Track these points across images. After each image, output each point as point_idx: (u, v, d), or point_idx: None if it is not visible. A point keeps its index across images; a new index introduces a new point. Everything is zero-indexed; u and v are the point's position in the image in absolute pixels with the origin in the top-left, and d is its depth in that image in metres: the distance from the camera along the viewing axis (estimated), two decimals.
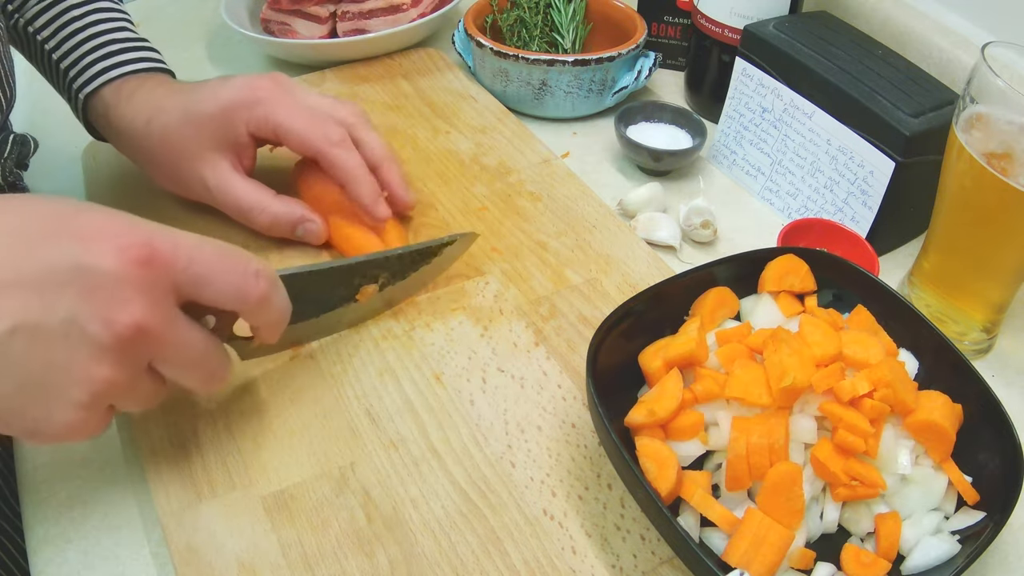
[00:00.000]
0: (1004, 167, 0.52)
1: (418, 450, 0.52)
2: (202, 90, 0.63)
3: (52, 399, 0.40)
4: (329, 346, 0.59)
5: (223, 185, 0.63)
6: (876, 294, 0.55)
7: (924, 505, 0.48)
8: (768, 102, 0.74)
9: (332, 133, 0.61)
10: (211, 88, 0.63)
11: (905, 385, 0.48)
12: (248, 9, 0.96)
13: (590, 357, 0.49)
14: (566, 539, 0.48)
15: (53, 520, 0.50)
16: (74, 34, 0.65)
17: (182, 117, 0.62)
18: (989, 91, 0.52)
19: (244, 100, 0.61)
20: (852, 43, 0.71)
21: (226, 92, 0.62)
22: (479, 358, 0.58)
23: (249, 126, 0.61)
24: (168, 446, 0.52)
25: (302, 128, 0.61)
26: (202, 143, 0.62)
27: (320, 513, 0.49)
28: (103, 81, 0.64)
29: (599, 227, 0.69)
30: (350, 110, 0.65)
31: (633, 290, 0.63)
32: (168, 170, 0.65)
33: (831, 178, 0.70)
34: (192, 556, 0.47)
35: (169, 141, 0.62)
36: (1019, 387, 0.60)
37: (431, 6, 0.93)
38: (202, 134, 0.62)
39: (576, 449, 0.53)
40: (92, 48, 0.65)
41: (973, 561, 0.43)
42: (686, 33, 0.90)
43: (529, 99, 0.83)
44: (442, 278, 0.64)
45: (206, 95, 0.62)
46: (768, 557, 0.44)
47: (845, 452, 0.46)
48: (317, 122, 0.61)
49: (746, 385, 0.48)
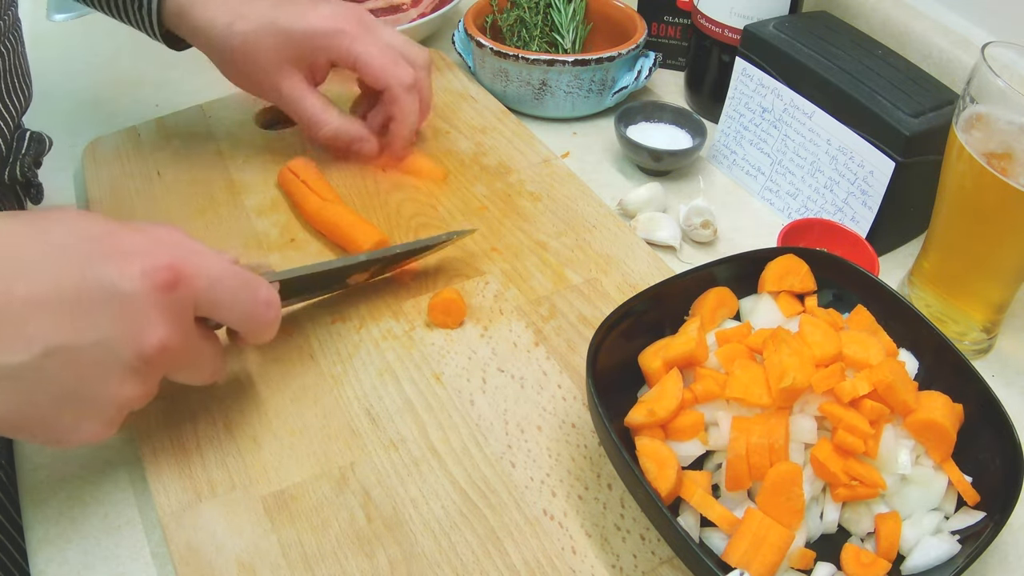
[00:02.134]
0: (1004, 167, 0.52)
1: (418, 450, 0.52)
2: (291, 6, 0.66)
3: (83, 413, 0.43)
4: (329, 346, 0.59)
5: (296, 95, 0.68)
6: (876, 294, 0.55)
7: (924, 505, 0.48)
8: (768, 102, 0.74)
9: (404, 75, 0.67)
10: (299, 8, 0.66)
11: (905, 385, 0.48)
12: None
13: (590, 357, 0.49)
14: (566, 539, 0.48)
15: (53, 520, 0.50)
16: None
17: (268, 27, 0.65)
18: (989, 91, 0.52)
19: (329, 30, 0.66)
20: (852, 43, 0.71)
21: (314, 17, 0.66)
22: (479, 358, 0.58)
23: (330, 53, 0.67)
24: (168, 446, 0.52)
25: (379, 65, 0.67)
26: (282, 56, 0.66)
27: (320, 513, 0.49)
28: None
29: (599, 227, 0.69)
30: (421, 54, 0.70)
31: (633, 290, 0.63)
32: (245, 72, 0.69)
33: (831, 178, 0.70)
34: (192, 556, 0.47)
35: (250, 47, 0.66)
36: (1019, 387, 0.60)
37: (431, 6, 0.93)
38: (284, 49, 0.66)
39: (576, 449, 0.53)
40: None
41: (973, 561, 0.43)
42: (686, 33, 0.90)
43: (529, 99, 0.83)
44: (442, 278, 0.64)
45: (293, 14, 0.66)
46: (768, 557, 0.44)
47: (845, 452, 0.46)
48: (392, 62, 0.67)
49: (746, 385, 0.48)
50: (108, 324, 0.41)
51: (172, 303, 0.43)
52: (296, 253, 0.66)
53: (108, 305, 0.41)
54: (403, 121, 0.70)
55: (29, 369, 0.40)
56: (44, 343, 0.40)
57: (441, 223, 0.69)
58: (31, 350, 0.40)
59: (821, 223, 0.67)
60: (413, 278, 0.64)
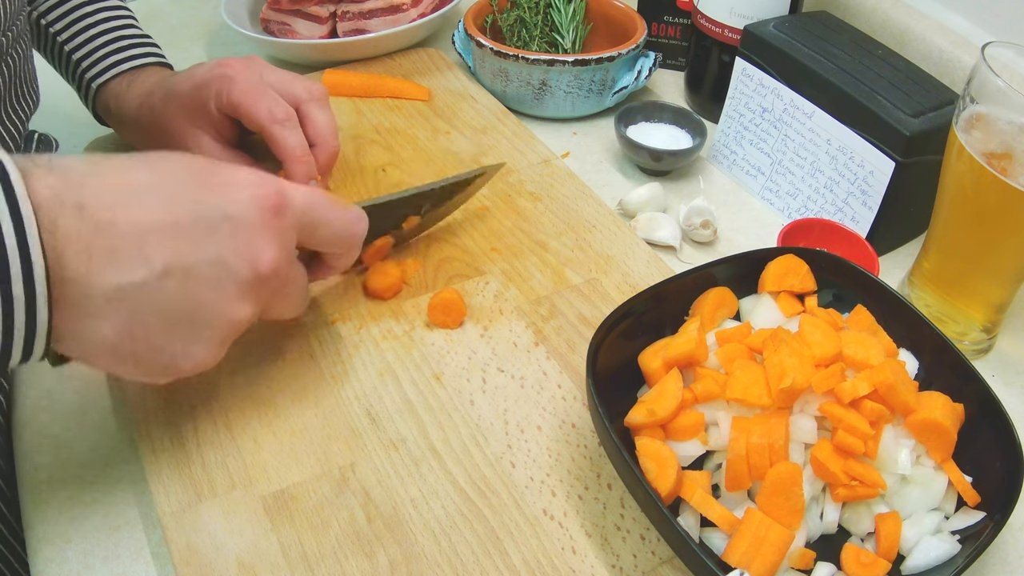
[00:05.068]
0: (1004, 167, 0.52)
1: (418, 450, 0.52)
2: (183, 72, 0.66)
3: (196, 336, 0.43)
4: (329, 346, 0.59)
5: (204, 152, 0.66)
6: (876, 294, 0.55)
7: (924, 505, 0.48)
8: (768, 102, 0.74)
9: (277, 110, 0.63)
10: (190, 70, 0.66)
11: (905, 385, 0.48)
12: (248, 9, 0.96)
13: (590, 357, 0.49)
14: (566, 539, 0.48)
15: (53, 520, 0.50)
16: (87, 29, 0.69)
17: (164, 97, 0.65)
18: (989, 91, 0.52)
19: (211, 78, 0.64)
20: (852, 43, 0.71)
21: (199, 72, 0.65)
22: (479, 358, 0.58)
23: (216, 102, 0.64)
24: (168, 446, 0.52)
25: (250, 104, 0.63)
26: (181, 119, 0.65)
27: (320, 513, 0.49)
28: (114, 73, 0.68)
29: (599, 227, 0.69)
30: (305, 85, 0.66)
31: (633, 290, 0.63)
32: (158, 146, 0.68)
33: (831, 178, 0.70)
34: (192, 556, 0.47)
35: (155, 120, 0.66)
36: (1019, 387, 0.60)
37: (431, 6, 0.93)
38: (180, 111, 0.65)
39: (576, 449, 0.53)
40: (104, 43, 0.69)
41: (973, 561, 0.43)
42: (686, 33, 0.90)
43: (529, 99, 0.83)
44: (442, 278, 0.64)
45: (184, 76, 0.66)
46: (768, 557, 0.44)
47: (845, 453, 0.46)
48: (265, 98, 0.63)
49: (746, 386, 0.48)
50: (223, 244, 0.42)
51: (280, 227, 0.45)
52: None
53: (221, 227, 0.42)
54: (288, 162, 0.63)
55: (147, 289, 0.40)
56: (163, 262, 0.40)
57: (441, 222, 0.69)
58: (151, 268, 0.40)
59: (821, 223, 0.67)
60: (416, 272, 0.64)
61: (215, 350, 0.45)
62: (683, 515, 0.48)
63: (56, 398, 0.57)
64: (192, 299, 0.42)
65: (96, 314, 0.40)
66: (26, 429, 0.55)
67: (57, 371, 0.58)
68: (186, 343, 0.43)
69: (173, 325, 0.42)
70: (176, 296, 0.41)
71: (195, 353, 0.44)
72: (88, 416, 0.56)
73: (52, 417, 0.56)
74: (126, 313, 0.40)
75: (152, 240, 0.40)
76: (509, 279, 0.64)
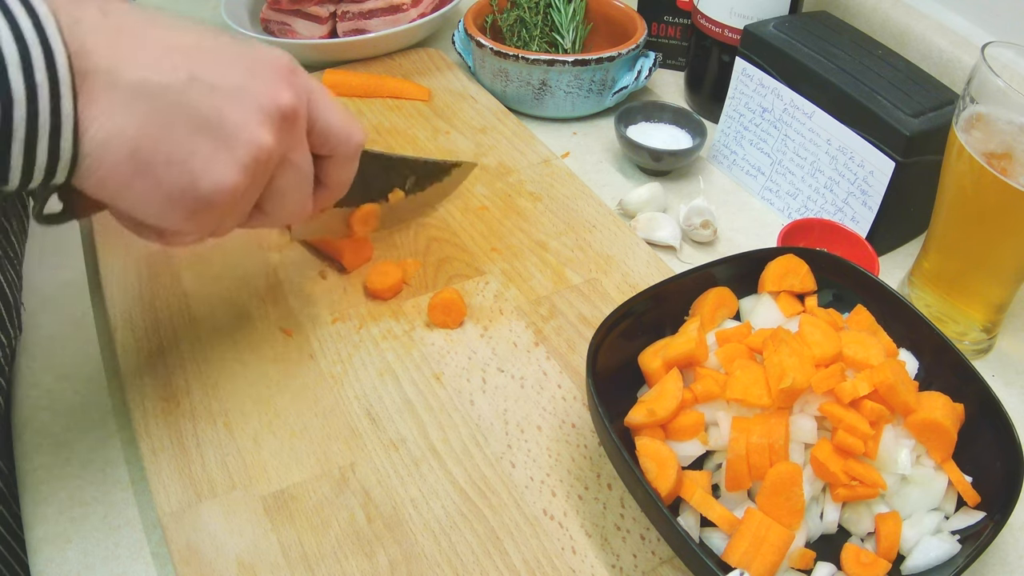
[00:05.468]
0: (1004, 167, 0.52)
1: (418, 450, 0.52)
2: None
3: (218, 148, 0.42)
4: (329, 346, 0.59)
5: None
6: (876, 294, 0.55)
7: (924, 505, 0.48)
8: (768, 102, 0.74)
9: None
10: None
11: (906, 385, 0.48)
12: (248, 9, 0.96)
13: (590, 357, 0.49)
14: (566, 539, 0.48)
15: (53, 520, 0.50)
16: None
17: None
18: (989, 91, 0.52)
19: None
20: (852, 43, 0.71)
21: None
22: (479, 358, 0.58)
23: None
24: (168, 446, 0.52)
25: None
26: None
27: (320, 513, 0.49)
28: None
29: (599, 227, 0.69)
30: None
31: (633, 290, 0.63)
32: None
33: (831, 178, 0.70)
34: (192, 556, 0.47)
35: None
36: (1019, 387, 0.60)
37: (431, 6, 0.93)
38: None
39: (576, 449, 0.53)
40: None
41: (973, 561, 0.43)
42: (686, 33, 0.90)
43: (529, 99, 0.83)
44: (442, 278, 0.64)
45: None
46: (768, 557, 0.44)
47: (845, 453, 0.46)
48: None
49: (746, 386, 0.48)
50: (245, 76, 0.43)
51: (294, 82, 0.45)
52: (295, 254, 0.66)
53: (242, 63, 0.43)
54: None
55: (172, 91, 0.40)
56: (189, 71, 0.40)
57: (441, 222, 0.69)
58: (176, 74, 0.40)
59: (821, 223, 0.67)
60: (416, 271, 0.64)
61: (236, 173, 0.42)
62: (683, 515, 0.48)
63: (56, 398, 0.57)
64: (217, 109, 0.41)
65: (121, 106, 0.39)
66: (26, 429, 0.55)
67: (57, 371, 0.59)
68: (208, 156, 0.41)
69: (196, 131, 0.41)
70: (201, 103, 0.41)
71: (216, 171, 0.42)
72: (88, 416, 0.56)
73: (52, 417, 0.56)
74: (151, 110, 0.39)
75: (180, 53, 0.41)
76: (509, 279, 0.64)
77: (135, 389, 0.55)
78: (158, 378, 0.56)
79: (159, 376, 0.56)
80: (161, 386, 0.55)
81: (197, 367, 0.57)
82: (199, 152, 0.41)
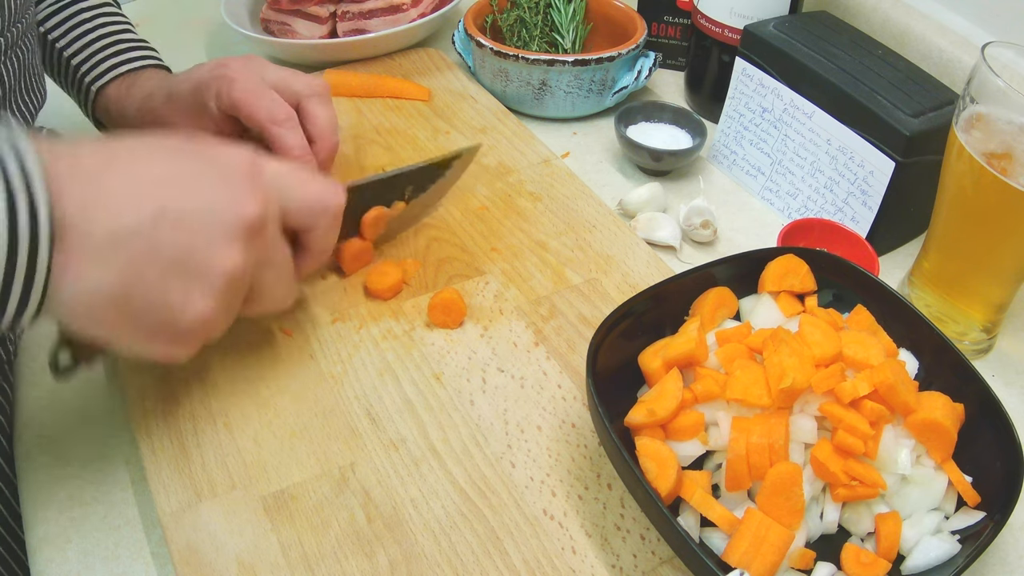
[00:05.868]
0: (1004, 167, 0.52)
1: (418, 450, 0.52)
2: (183, 73, 0.67)
3: (191, 285, 0.44)
4: (329, 346, 0.59)
5: None
6: (876, 294, 0.55)
7: (924, 505, 0.48)
8: (768, 102, 0.74)
9: (277, 111, 0.63)
10: (190, 70, 0.66)
11: (906, 385, 0.48)
12: (248, 9, 0.96)
13: (590, 357, 0.49)
14: (566, 539, 0.48)
15: (53, 520, 0.50)
16: (85, 34, 0.70)
17: (165, 98, 0.66)
18: (989, 91, 0.52)
19: (211, 79, 0.64)
20: (852, 43, 0.71)
21: (199, 72, 0.65)
22: (479, 358, 0.58)
23: (216, 103, 0.64)
24: (168, 446, 0.52)
25: (250, 103, 0.63)
26: (182, 120, 0.66)
27: (320, 513, 0.49)
28: (113, 76, 0.69)
29: (599, 227, 0.69)
30: (306, 81, 0.66)
31: (633, 290, 0.63)
32: None
33: (831, 178, 0.70)
34: (192, 556, 0.47)
35: (156, 121, 0.66)
36: (1019, 387, 0.60)
37: (431, 6, 0.93)
38: (181, 112, 0.65)
39: (576, 449, 0.53)
40: (103, 47, 0.70)
41: (973, 561, 0.43)
42: (686, 33, 0.90)
43: (529, 99, 0.83)
44: (442, 278, 0.64)
45: (184, 77, 0.66)
46: (768, 557, 0.44)
47: (845, 453, 0.46)
48: (265, 99, 0.63)
49: (746, 386, 0.48)
50: (209, 194, 0.44)
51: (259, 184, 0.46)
52: None
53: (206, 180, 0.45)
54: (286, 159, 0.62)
55: (141, 236, 0.41)
56: (153, 208, 0.42)
57: (441, 222, 0.69)
58: (142, 214, 0.41)
59: (821, 223, 0.67)
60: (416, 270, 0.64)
61: (213, 303, 0.44)
62: (683, 515, 0.48)
63: (56, 398, 0.57)
64: (183, 246, 0.43)
65: (95, 260, 0.40)
66: (26, 429, 0.55)
67: None
68: (183, 294, 0.43)
69: (168, 273, 0.43)
70: (168, 243, 0.42)
71: (193, 303, 0.44)
72: (88, 416, 0.56)
73: (52, 417, 0.56)
74: (123, 261, 0.41)
75: (145, 188, 0.42)
76: (509, 279, 0.64)
77: (135, 389, 0.55)
78: (158, 378, 0.56)
79: (159, 376, 0.56)
80: (161, 386, 0.55)
81: (197, 367, 0.57)
82: (174, 290, 0.43)
